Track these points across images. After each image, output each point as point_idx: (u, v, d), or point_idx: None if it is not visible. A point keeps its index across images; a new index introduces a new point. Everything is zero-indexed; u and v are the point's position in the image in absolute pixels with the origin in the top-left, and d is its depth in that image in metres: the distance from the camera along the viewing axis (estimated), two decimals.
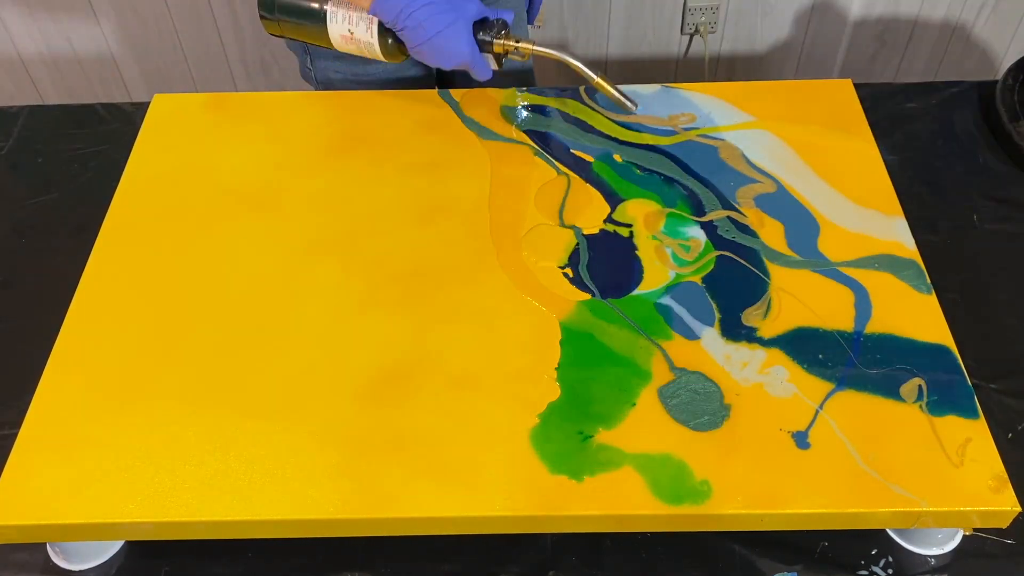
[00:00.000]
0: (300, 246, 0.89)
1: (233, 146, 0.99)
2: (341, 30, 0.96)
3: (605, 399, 0.77)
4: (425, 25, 0.90)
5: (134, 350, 0.81)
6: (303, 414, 0.77)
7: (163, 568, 0.79)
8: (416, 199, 0.93)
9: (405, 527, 0.73)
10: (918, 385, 0.78)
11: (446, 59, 0.93)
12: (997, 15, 1.87)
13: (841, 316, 0.83)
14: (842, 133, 0.99)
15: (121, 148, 1.00)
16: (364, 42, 0.96)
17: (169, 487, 0.73)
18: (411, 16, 0.90)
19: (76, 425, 0.76)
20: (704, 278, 0.86)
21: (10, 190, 1.08)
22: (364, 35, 0.95)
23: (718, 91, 1.04)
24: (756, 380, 0.78)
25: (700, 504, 0.71)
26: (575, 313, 0.83)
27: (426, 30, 0.90)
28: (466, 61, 0.93)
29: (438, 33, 0.90)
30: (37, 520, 0.72)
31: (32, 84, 1.92)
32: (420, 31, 0.90)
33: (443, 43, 0.91)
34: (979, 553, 0.79)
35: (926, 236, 0.98)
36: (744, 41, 1.90)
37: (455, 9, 0.91)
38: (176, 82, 1.92)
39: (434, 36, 0.90)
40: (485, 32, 0.94)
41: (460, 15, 0.91)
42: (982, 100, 1.17)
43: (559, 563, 0.79)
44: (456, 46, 0.92)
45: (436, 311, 0.84)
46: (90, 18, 1.79)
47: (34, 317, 0.93)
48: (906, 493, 0.72)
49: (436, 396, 0.78)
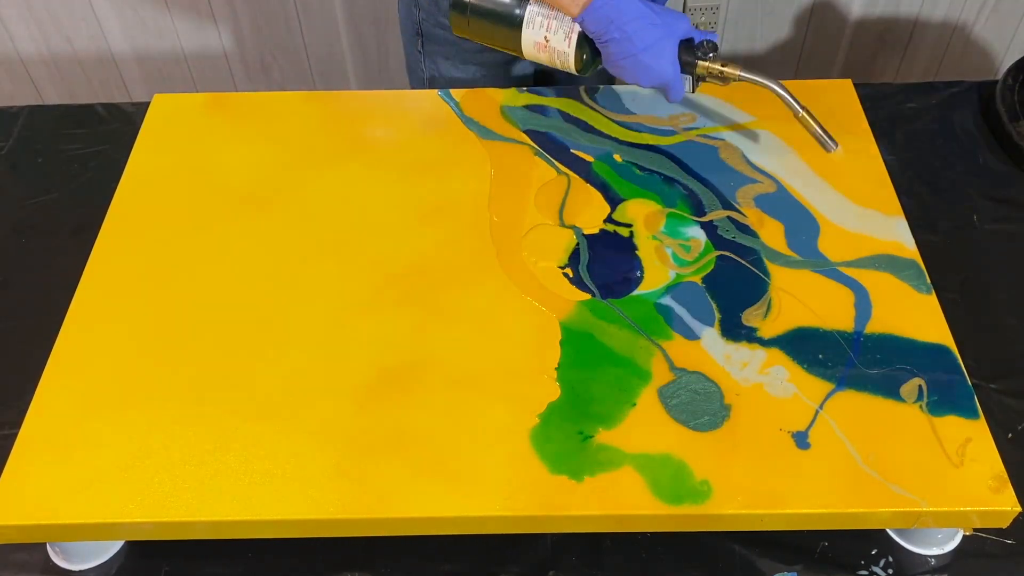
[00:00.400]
0: (300, 246, 0.89)
1: (233, 146, 0.99)
2: (536, 36, 0.92)
3: (605, 399, 0.77)
4: (633, 39, 0.86)
5: (134, 350, 0.81)
6: (303, 414, 0.77)
7: (163, 568, 0.79)
8: (416, 199, 0.93)
9: (405, 527, 0.73)
10: (918, 385, 0.78)
11: (648, 76, 0.89)
12: (997, 15, 1.87)
13: (841, 316, 0.83)
14: (842, 133, 0.99)
15: (121, 148, 1.00)
16: (559, 51, 0.92)
17: (169, 487, 0.73)
18: (620, 28, 0.86)
19: (76, 425, 0.76)
20: (704, 278, 0.86)
21: (10, 190, 1.08)
22: (561, 44, 0.91)
23: (718, 91, 1.04)
24: (756, 380, 0.78)
25: (700, 504, 0.71)
26: (575, 313, 0.83)
27: (634, 44, 0.87)
28: (667, 81, 0.90)
29: (645, 48, 0.87)
30: (37, 520, 0.72)
31: (32, 84, 1.92)
32: (627, 44, 0.87)
33: (649, 59, 0.88)
34: (979, 553, 0.79)
35: (926, 236, 0.98)
36: (744, 41, 1.89)
37: (665, 25, 0.88)
38: (176, 82, 1.92)
39: (640, 51, 0.87)
40: (691, 52, 0.90)
41: (669, 31, 0.88)
42: (982, 100, 1.17)
43: (559, 563, 0.79)
44: (660, 63, 0.88)
45: (436, 311, 0.84)
46: (90, 18, 1.79)
47: (34, 317, 0.93)
48: (906, 493, 0.72)
49: (436, 396, 0.78)
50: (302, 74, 1.92)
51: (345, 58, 1.90)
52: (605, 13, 0.86)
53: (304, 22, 1.83)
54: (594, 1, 0.86)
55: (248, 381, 0.79)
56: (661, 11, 0.88)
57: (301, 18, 1.82)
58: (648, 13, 0.87)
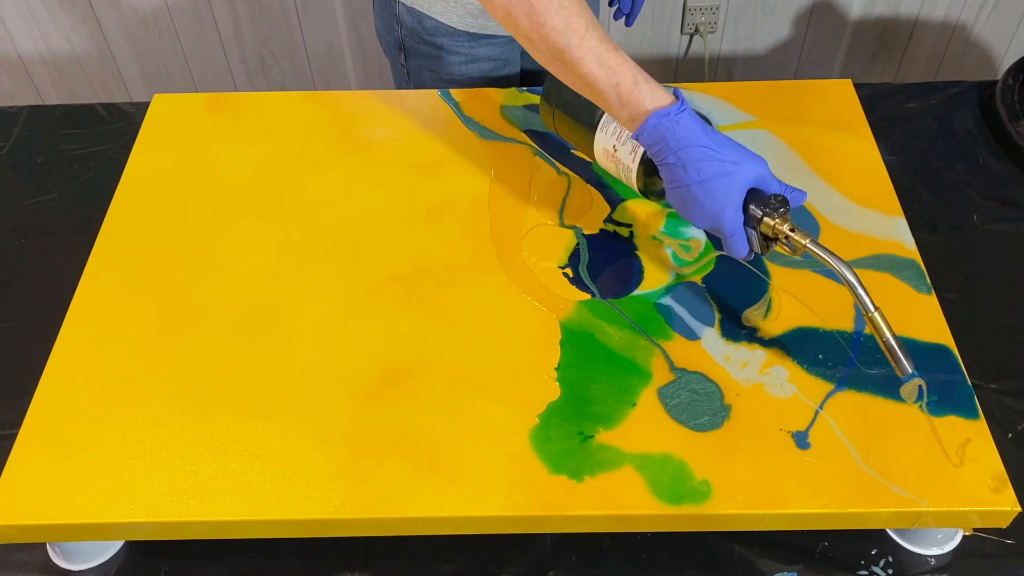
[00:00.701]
0: (300, 246, 0.89)
1: (233, 146, 0.99)
2: (607, 144, 0.87)
3: (605, 399, 0.77)
4: (688, 168, 0.75)
5: (134, 350, 0.81)
6: (303, 414, 0.77)
7: (163, 568, 0.79)
8: (416, 199, 0.93)
9: (405, 527, 0.73)
10: (918, 385, 0.78)
11: (701, 214, 0.77)
12: (997, 15, 1.87)
13: (841, 316, 0.83)
14: (842, 133, 0.99)
15: (121, 148, 1.00)
16: (624, 165, 0.87)
17: (169, 487, 0.73)
18: (676, 153, 0.76)
19: (76, 425, 0.76)
20: (704, 278, 0.86)
21: (10, 190, 1.08)
22: (627, 158, 0.86)
23: (718, 91, 1.04)
24: (756, 380, 0.78)
25: (700, 504, 0.71)
26: (575, 313, 0.83)
27: (688, 174, 0.75)
28: (722, 225, 0.77)
29: (702, 182, 0.75)
30: (37, 520, 0.72)
31: (32, 84, 1.92)
32: (681, 173, 0.76)
33: (703, 196, 0.76)
34: (979, 553, 0.79)
35: (926, 236, 0.98)
36: (744, 41, 1.89)
37: (734, 162, 0.76)
38: (176, 82, 1.92)
39: (695, 184, 0.75)
40: (759, 204, 0.77)
41: (737, 170, 0.76)
42: (982, 100, 1.17)
43: (559, 563, 0.79)
44: (717, 204, 0.76)
45: (436, 311, 0.84)
46: (90, 18, 1.79)
47: (34, 317, 0.93)
48: (906, 493, 0.72)
49: (436, 396, 0.78)
50: (302, 74, 1.92)
51: (345, 58, 1.90)
52: (660, 133, 0.76)
53: (304, 22, 1.83)
54: (649, 119, 0.75)
55: (248, 381, 0.79)
56: (733, 147, 0.77)
57: (301, 18, 1.82)
58: (711, 144, 0.76)
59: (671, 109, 0.75)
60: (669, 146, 0.76)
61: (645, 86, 0.76)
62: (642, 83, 0.76)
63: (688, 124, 0.75)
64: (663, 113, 0.75)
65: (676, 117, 0.75)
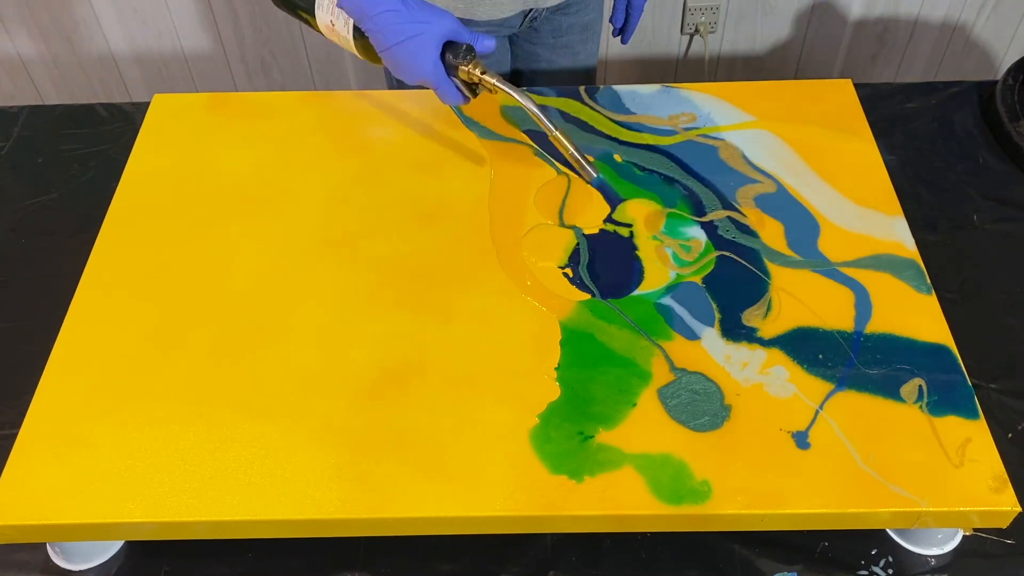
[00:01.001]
0: (300, 246, 0.89)
1: (233, 146, 0.99)
2: (325, 19, 0.90)
3: (605, 399, 0.77)
4: (386, 32, 0.84)
5: (134, 350, 0.81)
6: (303, 414, 0.77)
7: (163, 568, 0.79)
8: (416, 199, 0.93)
9: (405, 527, 0.73)
10: (918, 385, 0.78)
11: (406, 73, 0.86)
12: (997, 15, 1.87)
13: (841, 316, 0.83)
14: (842, 133, 0.99)
15: (121, 148, 1.00)
16: (343, 37, 0.90)
17: (169, 487, 0.73)
18: (372, 19, 0.84)
19: (76, 425, 0.76)
20: (704, 278, 0.86)
21: (10, 190, 1.08)
22: (343, 29, 0.89)
23: (718, 91, 1.04)
24: (756, 380, 0.78)
25: (700, 504, 0.71)
26: (575, 313, 0.83)
27: (387, 37, 0.84)
28: (427, 79, 0.86)
29: (399, 44, 0.84)
30: (37, 520, 0.72)
31: (32, 84, 1.92)
32: (381, 37, 0.84)
33: (403, 56, 0.85)
34: (979, 553, 0.79)
35: (926, 236, 0.98)
36: (744, 41, 1.89)
37: (423, 22, 0.84)
38: (176, 82, 1.92)
39: (394, 46, 0.84)
40: (453, 55, 0.86)
41: (427, 29, 0.84)
42: (982, 100, 1.17)
43: (559, 563, 0.79)
44: (416, 62, 0.85)
45: (436, 311, 0.84)
46: (90, 18, 1.79)
47: (34, 317, 0.93)
48: (906, 493, 0.72)
49: (436, 396, 0.78)
50: (302, 74, 1.92)
51: (345, 58, 1.90)
52: (356, 2, 0.84)
53: None
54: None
55: (248, 381, 0.79)
56: (419, 7, 0.85)
57: None
58: (400, 8, 0.83)
59: None
60: (366, 12, 0.84)
61: None
62: None
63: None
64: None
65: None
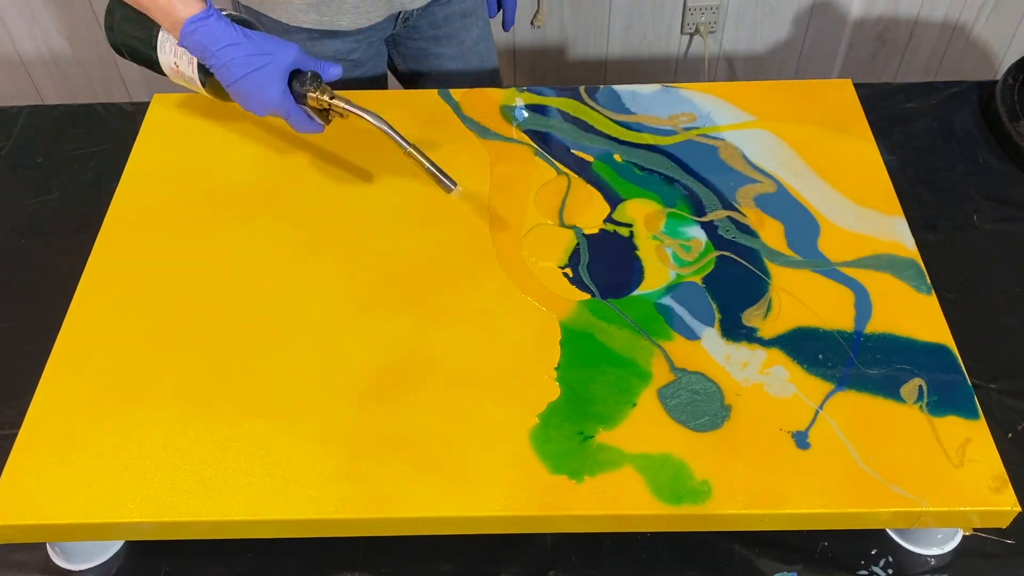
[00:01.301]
0: (300, 246, 0.89)
1: (233, 146, 0.99)
2: (168, 62, 0.90)
3: (605, 399, 0.77)
4: (230, 66, 0.84)
5: (134, 350, 0.81)
6: (303, 414, 0.77)
7: (163, 568, 0.79)
8: (416, 199, 0.93)
9: (405, 527, 0.73)
10: (918, 385, 0.78)
11: (256, 104, 0.87)
12: (997, 15, 1.87)
13: (841, 316, 0.83)
14: (842, 133, 0.99)
15: (121, 148, 1.00)
16: (188, 77, 0.90)
17: (169, 487, 0.73)
18: (215, 55, 0.84)
19: (76, 425, 0.76)
20: (704, 278, 0.86)
21: (10, 190, 1.08)
22: (187, 69, 0.89)
23: (718, 91, 1.04)
24: (756, 380, 0.78)
25: (700, 504, 0.71)
26: (575, 313, 0.83)
27: (232, 71, 0.84)
28: (277, 109, 0.87)
29: (244, 76, 0.84)
30: (37, 520, 0.72)
31: (32, 84, 1.92)
32: (226, 72, 0.85)
33: (251, 87, 0.85)
34: (979, 553, 0.79)
35: (926, 236, 0.98)
36: (744, 41, 1.89)
37: (267, 53, 0.85)
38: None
39: (240, 79, 0.84)
40: (299, 83, 0.87)
41: (271, 60, 0.85)
42: (982, 100, 1.17)
43: (559, 563, 0.79)
44: (264, 92, 0.85)
45: (436, 311, 0.84)
46: (90, 18, 1.79)
47: (34, 317, 0.93)
48: (906, 493, 0.72)
49: (436, 396, 0.78)
50: None
51: None
52: (198, 39, 0.84)
53: None
54: (184, 26, 0.83)
55: (248, 381, 0.79)
56: (262, 39, 0.86)
57: None
58: (243, 41, 0.84)
59: (200, 14, 0.83)
60: (208, 49, 0.84)
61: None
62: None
63: (216, 26, 0.84)
64: (194, 19, 0.83)
65: (205, 22, 0.84)
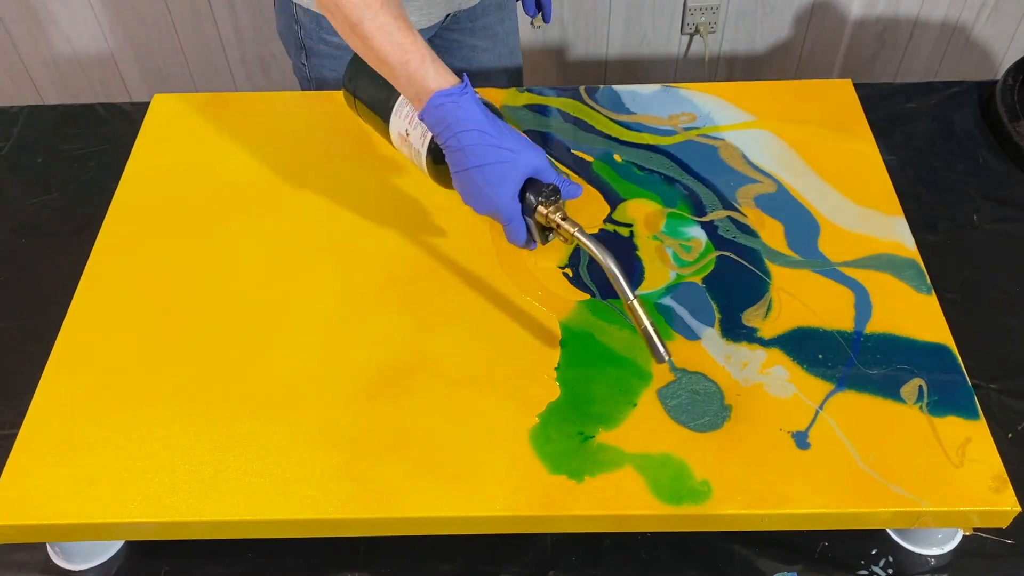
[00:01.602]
0: (300, 246, 0.89)
1: (233, 146, 0.99)
2: (400, 127, 0.86)
3: (605, 399, 0.77)
4: (467, 151, 0.76)
5: (134, 350, 0.81)
6: (303, 414, 0.77)
7: (163, 568, 0.79)
8: (416, 199, 0.93)
9: (405, 527, 0.73)
10: (918, 385, 0.78)
11: (480, 199, 0.78)
12: (997, 15, 1.87)
13: (841, 316, 0.83)
14: (842, 133, 0.99)
15: (121, 148, 1.00)
16: (415, 149, 0.85)
17: (169, 487, 0.73)
18: (456, 136, 0.76)
19: (76, 425, 0.76)
20: (705, 278, 0.86)
21: (10, 190, 1.08)
22: (417, 141, 0.84)
23: (718, 91, 1.04)
24: (756, 380, 0.78)
25: (700, 504, 0.71)
26: (575, 313, 0.83)
27: (468, 158, 0.76)
28: (500, 211, 0.79)
29: (480, 167, 0.76)
30: (37, 520, 0.72)
31: (32, 84, 1.92)
32: (462, 156, 0.76)
33: (482, 181, 0.76)
34: (979, 553, 0.79)
35: (926, 236, 0.98)
36: (744, 41, 1.89)
37: (512, 150, 0.77)
38: (176, 82, 1.92)
39: (473, 168, 0.76)
40: (535, 193, 0.79)
41: (514, 159, 0.77)
42: (982, 100, 1.17)
43: (559, 563, 0.79)
44: (494, 190, 0.77)
45: (436, 311, 0.84)
46: (90, 18, 1.79)
47: (34, 317, 0.93)
48: (906, 493, 0.72)
49: (436, 396, 0.78)
50: None
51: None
52: (442, 115, 0.76)
53: None
54: (433, 98, 0.76)
55: (248, 381, 0.79)
56: (511, 134, 0.78)
57: None
58: (491, 130, 0.76)
59: (454, 90, 0.76)
60: (450, 128, 0.76)
61: (432, 66, 0.77)
62: (429, 63, 0.77)
63: (469, 107, 0.76)
64: (445, 93, 0.76)
65: (458, 99, 0.76)
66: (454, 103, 0.76)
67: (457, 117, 0.76)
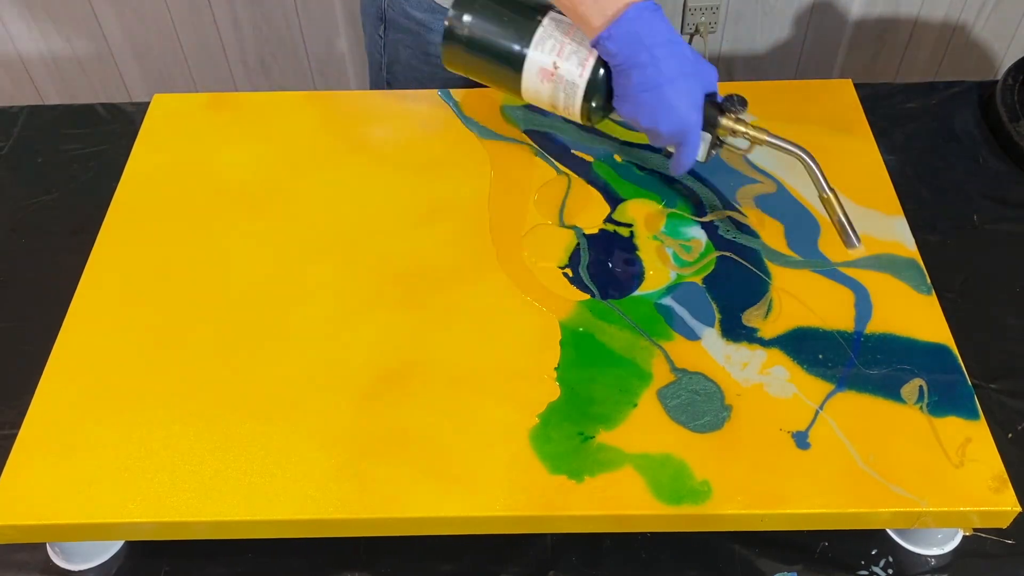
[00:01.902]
0: (300, 246, 0.89)
1: (233, 146, 0.99)
2: (544, 62, 0.78)
3: (605, 399, 0.77)
4: (661, 66, 0.72)
5: (134, 350, 0.81)
6: (303, 414, 0.77)
7: (163, 568, 0.79)
8: (416, 199, 0.93)
9: (405, 527, 0.73)
10: (919, 386, 0.78)
11: (669, 115, 0.75)
12: (997, 15, 1.87)
13: (841, 316, 0.83)
14: (842, 133, 0.99)
15: (121, 148, 1.00)
16: (567, 82, 0.78)
17: (169, 487, 0.73)
18: (650, 51, 0.71)
19: (76, 425, 0.76)
20: (705, 278, 0.86)
21: (10, 190, 1.08)
22: (571, 72, 0.77)
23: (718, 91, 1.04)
24: (756, 380, 0.78)
25: (700, 504, 0.71)
26: (575, 313, 0.83)
27: (661, 73, 0.72)
28: (685, 128, 0.76)
29: (674, 80, 0.73)
30: (37, 520, 0.72)
31: (32, 84, 1.92)
32: (654, 72, 0.72)
33: (674, 95, 0.73)
34: (979, 553, 0.79)
35: (926, 236, 0.98)
36: (744, 41, 1.89)
37: (697, 63, 0.76)
38: (176, 82, 1.92)
39: (666, 83, 0.73)
40: (716, 106, 0.78)
41: (700, 70, 0.76)
42: (982, 100, 1.17)
43: (559, 563, 0.79)
44: (685, 103, 0.74)
45: (436, 311, 0.84)
46: (90, 18, 1.79)
47: (34, 317, 0.93)
48: (906, 493, 0.72)
49: (436, 396, 0.78)
50: (302, 74, 1.92)
51: (345, 58, 1.90)
52: (635, 29, 0.71)
53: (304, 22, 1.83)
54: (627, 11, 0.70)
55: (248, 381, 0.79)
56: (691, 50, 0.77)
57: (301, 18, 1.82)
58: (681, 41, 0.74)
59: (647, 3, 0.72)
60: (644, 43, 0.71)
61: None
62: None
63: (661, 19, 0.72)
64: (643, 6, 0.71)
65: (655, 12, 0.72)
66: (652, 14, 0.72)
67: (653, 30, 0.71)
